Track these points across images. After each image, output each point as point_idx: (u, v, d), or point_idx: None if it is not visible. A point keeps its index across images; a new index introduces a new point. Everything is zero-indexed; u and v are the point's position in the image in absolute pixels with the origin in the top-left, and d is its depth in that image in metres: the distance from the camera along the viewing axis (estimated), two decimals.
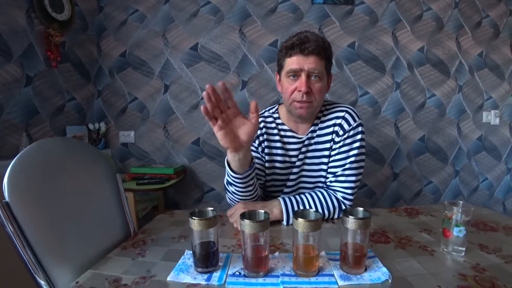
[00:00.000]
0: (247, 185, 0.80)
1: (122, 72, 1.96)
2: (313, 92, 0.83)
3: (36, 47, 1.49)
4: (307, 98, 0.83)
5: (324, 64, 0.84)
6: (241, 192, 0.82)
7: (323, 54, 0.82)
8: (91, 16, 1.89)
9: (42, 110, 1.54)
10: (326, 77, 0.87)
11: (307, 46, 0.80)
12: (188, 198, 2.03)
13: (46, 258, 0.57)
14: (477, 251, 0.63)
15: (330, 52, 0.86)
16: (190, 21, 1.92)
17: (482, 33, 2.04)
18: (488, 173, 2.13)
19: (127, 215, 0.84)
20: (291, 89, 0.85)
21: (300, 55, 0.82)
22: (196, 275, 0.55)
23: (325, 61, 0.84)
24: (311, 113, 0.88)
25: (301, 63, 0.82)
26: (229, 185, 0.83)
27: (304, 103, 0.83)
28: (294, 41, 0.82)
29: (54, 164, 0.67)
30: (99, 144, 1.91)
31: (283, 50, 0.86)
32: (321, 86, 0.84)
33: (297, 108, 0.85)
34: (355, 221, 0.53)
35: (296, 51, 0.82)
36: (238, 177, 0.78)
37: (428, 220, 0.83)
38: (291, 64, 0.83)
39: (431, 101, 2.04)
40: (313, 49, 0.80)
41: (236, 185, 0.80)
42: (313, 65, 0.81)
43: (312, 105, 0.85)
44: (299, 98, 0.83)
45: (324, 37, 0.86)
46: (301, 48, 0.81)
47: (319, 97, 0.85)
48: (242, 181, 0.79)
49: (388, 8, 1.97)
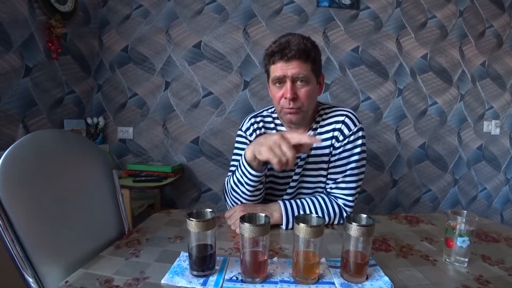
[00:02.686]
0: (259, 183, 0.79)
1: (123, 67, 1.93)
2: (299, 97, 0.80)
3: (37, 37, 1.47)
4: (294, 104, 0.80)
5: (309, 67, 0.80)
6: (251, 192, 0.80)
7: (305, 57, 0.78)
8: (94, 9, 1.87)
9: (40, 102, 1.52)
10: (314, 79, 0.83)
11: (287, 52, 0.77)
12: (185, 197, 2.00)
13: (36, 255, 0.55)
14: (480, 262, 0.62)
15: (315, 53, 0.81)
16: (194, 19, 1.90)
17: (486, 42, 2.04)
18: (487, 183, 2.12)
19: (122, 212, 0.82)
20: (278, 96, 0.82)
21: (281, 61, 0.78)
22: (192, 278, 0.53)
23: (310, 63, 0.80)
24: (302, 118, 0.85)
25: (284, 70, 0.79)
26: (240, 186, 0.80)
27: (292, 109, 0.81)
28: (273, 48, 0.79)
29: (48, 157, 0.65)
30: (97, 139, 1.88)
31: (266, 57, 0.83)
32: (309, 90, 0.81)
33: (286, 114, 0.83)
34: (359, 228, 0.51)
35: (278, 57, 0.79)
36: (258, 175, 0.76)
37: (429, 229, 0.82)
38: (275, 71, 0.81)
39: (433, 109, 2.03)
40: (293, 54, 0.77)
41: (251, 184, 0.78)
42: (297, 69, 0.78)
43: (300, 110, 0.82)
44: (287, 105, 0.81)
45: (309, 38, 0.81)
46: (281, 54, 0.78)
47: (308, 101, 0.82)
48: (259, 179, 0.78)
49: (393, 14, 1.96)
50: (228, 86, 1.94)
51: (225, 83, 1.93)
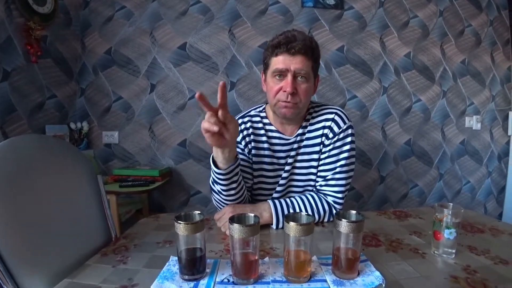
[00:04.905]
0: (230, 181, 0.77)
1: (107, 70, 1.89)
2: (298, 93, 0.81)
3: (15, 40, 1.41)
4: (292, 99, 0.80)
5: (311, 65, 0.81)
6: (225, 190, 0.78)
7: (310, 54, 0.80)
8: (75, 10, 1.82)
9: (20, 107, 1.46)
10: (313, 78, 0.84)
11: (294, 45, 0.78)
12: (173, 201, 1.97)
13: (17, 267, 0.53)
14: (467, 253, 0.64)
15: (318, 53, 0.83)
16: (179, 20, 1.88)
17: (465, 41, 2.11)
18: (470, 177, 2.19)
19: (108, 219, 0.79)
20: (276, 88, 0.82)
21: (286, 54, 0.79)
22: (182, 283, 0.51)
23: (312, 61, 0.81)
24: (296, 114, 0.85)
25: (287, 63, 0.79)
26: (215, 184, 0.80)
27: (289, 103, 0.81)
28: (280, 39, 0.79)
29: (28, 163, 0.63)
30: (81, 145, 1.83)
31: (269, 48, 0.83)
32: (307, 87, 0.82)
33: (282, 108, 0.82)
34: (349, 224, 0.51)
35: (283, 50, 0.79)
36: (222, 172, 0.74)
37: (417, 223, 0.83)
38: (277, 64, 0.80)
39: (417, 106, 2.09)
40: (300, 48, 0.77)
41: (220, 182, 0.76)
42: (300, 65, 0.78)
43: (297, 106, 0.82)
44: (284, 98, 0.80)
45: (313, 37, 0.84)
46: (287, 47, 0.78)
47: (305, 99, 0.82)
48: (226, 177, 0.75)
49: (376, 14, 2.00)
50: (215, 88, 1.91)
51: (211, 84, 1.91)
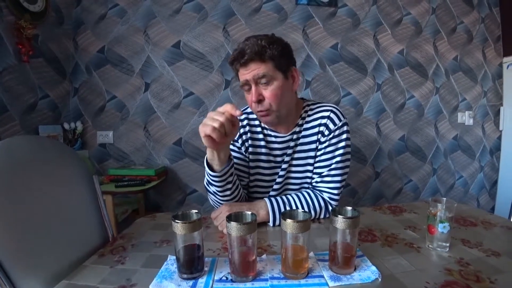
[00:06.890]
0: (226, 182, 0.78)
1: (100, 69, 1.87)
2: (265, 98, 0.80)
3: (6, 39, 1.39)
4: (261, 106, 0.81)
5: (270, 65, 0.78)
6: (220, 191, 0.79)
7: (263, 55, 0.77)
8: (67, 9, 1.79)
9: (12, 108, 1.44)
10: (280, 75, 0.80)
11: (244, 56, 0.77)
12: (169, 200, 1.97)
13: (13, 269, 0.52)
14: (460, 246, 0.65)
15: (274, 49, 0.77)
16: (173, 18, 1.87)
17: (457, 38, 2.14)
18: (463, 171, 2.23)
19: (105, 219, 0.79)
20: (249, 101, 0.83)
21: (241, 67, 0.80)
22: (181, 282, 0.52)
23: (269, 61, 0.78)
24: (277, 117, 0.84)
25: (244, 75, 0.79)
26: (209, 185, 0.81)
27: (262, 112, 0.81)
28: (234, 55, 0.79)
29: (22, 164, 0.62)
30: (76, 145, 1.81)
31: (230, 67, 0.84)
32: (274, 89, 0.79)
33: (260, 117, 0.85)
34: (344, 220, 0.52)
35: (238, 65, 0.80)
36: (216, 175, 0.75)
37: (412, 217, 0.85)
38: (240, 78, 0.82)
39: (410, 102, 2.11)
40: (248, 57, 0.76)
41: (215, 183, 0.78)
42: (255, 71, 0.77)
43: (271, 111, 0.81)
44: (256, 108, 0.82)
45: (267, 37, 0.79)
46: (241, 62, 0.78)
47: (276, 101, 0.80)
48: (220, 178, 0.76)
49: (369, 11, 2.01)
50: (210, 86, 1.92)
51: (206, 82, 1.91)
